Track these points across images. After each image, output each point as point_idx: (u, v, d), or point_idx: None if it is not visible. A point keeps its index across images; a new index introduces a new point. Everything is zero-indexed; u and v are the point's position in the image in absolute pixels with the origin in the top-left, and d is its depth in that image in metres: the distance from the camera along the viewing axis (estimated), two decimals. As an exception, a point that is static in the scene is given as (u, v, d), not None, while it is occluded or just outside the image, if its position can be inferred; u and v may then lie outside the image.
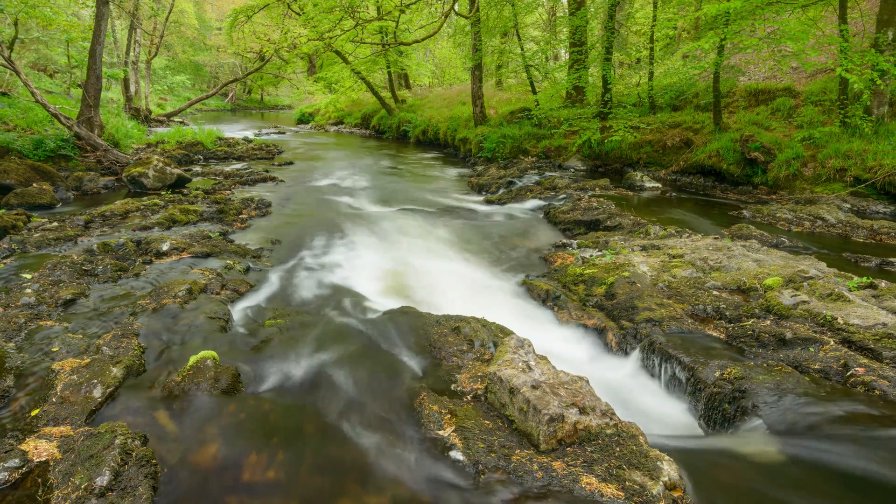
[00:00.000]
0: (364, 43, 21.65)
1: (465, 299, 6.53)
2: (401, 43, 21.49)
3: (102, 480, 2.70)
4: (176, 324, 4.94)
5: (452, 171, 17.72)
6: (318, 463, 3.12)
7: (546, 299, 6.42)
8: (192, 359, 3.99)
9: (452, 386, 3.95)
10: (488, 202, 12.84)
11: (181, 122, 28.61)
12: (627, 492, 2.77)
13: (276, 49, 30.27)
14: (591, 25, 19.54)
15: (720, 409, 3.99)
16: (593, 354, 5.34)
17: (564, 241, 8.91)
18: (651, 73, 18.09)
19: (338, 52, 27.44)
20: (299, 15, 22.43)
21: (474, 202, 12.91)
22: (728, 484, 3.18)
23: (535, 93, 20.39)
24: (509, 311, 6.28)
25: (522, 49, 21.23)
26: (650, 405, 4.50)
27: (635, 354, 5.04)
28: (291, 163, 18.47)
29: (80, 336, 4.66)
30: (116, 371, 3.82)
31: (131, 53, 29.29)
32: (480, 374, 4.03)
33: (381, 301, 6.23)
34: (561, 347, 5.38)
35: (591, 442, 3.13)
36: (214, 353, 4.09)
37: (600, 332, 5.50)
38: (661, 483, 2.79)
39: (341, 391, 3.92)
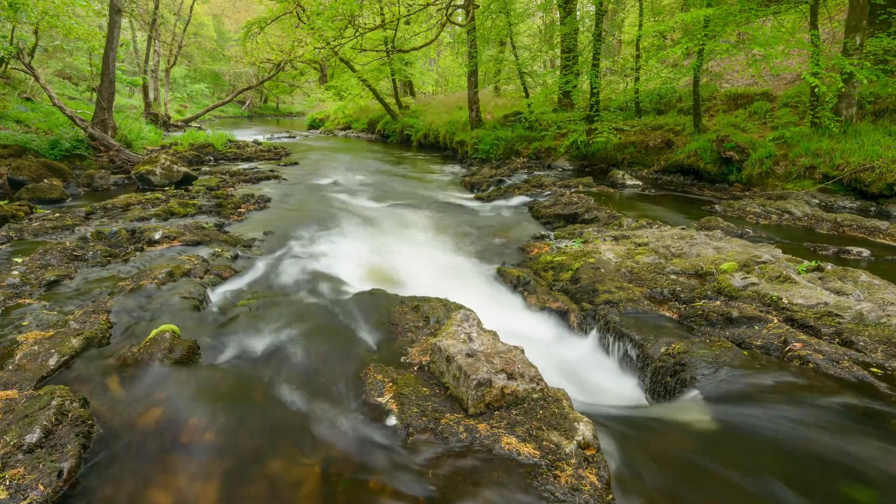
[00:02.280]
0: (366, 50, 21.63)
1: (442, 285, 6.45)
2: (399, 50, 21.49)
3: (32, 437, 2.65)
4: (150, 302, 4.89)
5: (449, 172, 17.65)
6: (259, 427, 3.06)
7: (517, 285, 6.36)
8: (154, 332, 3.94)
9: (402, 358, 3.89)
10: (478, 199, 12.78)
11: (199, 128, 28.53)
12: (543, 450, 2.71)
13: (287, 57, 30.33)
14: (581, 34, 19.50)
15: (663, 382, 3.95)
16: (556, 335, 5.31)
17: (543, 232, 8.83)
18: (637, 80, 18.00)
19: (345, 62, 27.47)
20: (307, 24, 22.40)
21: (465, 199, 12.85)
22: (655, 447, 3.14)
23: (528, 97, 20.31)
24: (482, 296, 6.26)
25: (517, 57, 21.19)
26: (604, 380, 4.48)
27: (593, 334, 5.02)
28: (296, 163, 18.39)
29: (56, 313, 4.62)
30: (75, 342, 3.77)
31: (150, 62, 29.32)
32: (429, 346, 3.96)
33: (358, 285, 6.17)
34: (527, 329, 5.36)
35: (517, 406, 3.08)
36: (175, 327, 4.04)
37: (563, 314, 5.45)
38: (574, 442, 2.73)
39: (295, 363, 3.86)
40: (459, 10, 21.27)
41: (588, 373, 4.60)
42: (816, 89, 10.57)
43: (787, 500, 2.66)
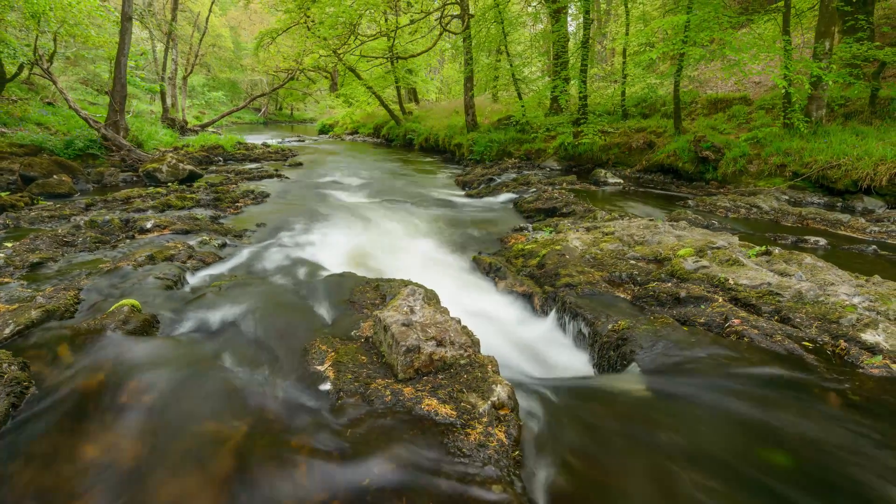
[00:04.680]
0: (368, 57, 21.61)
1: (420, 271, 6.40)
2: (399, 57, 21.43)
3: (-37, 397, 2.61)
4: (124, 282, 4.83)
5: (445, 172, 17.58)
6: (198, 392, 3.00)
7: (489, 271, 6.31)
8: (114, 306, 3.88)
9: (353, 332, 3.82)
10: (469, 196, 12.72)
11: (215, 132, 28.55)
12: (460, 410, 2.66)
13: (298, 66, 30.32)
14: (571, 43, 19.45)
15: (607, 356, 3.92)
16: (521, 316, 5.26)
17: (523, 225, 8.78)
18: (624, 83, 17.93)
19: (351, 69, 27.42)
20: (311, 33, 22.39)
21: (456, 196, 12.78)
22: (584, 413, 3.09)
23: (521, 100, 20.26)
24: (457, 282, 6.24)
25: (511, 64, 21.12)
26: (559, 357, 4.43)
27: (552, 314, 4.96)
28: (301, 164, 18.33)
29: (30, 290, 4.56)
30: (34, 314, 3.72)
31: (168, 70, 29.34)
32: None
33: (336, 271, 6.10)
34: (495, 311, 5.34)
35: (445, 371, 3.02)
36: (135, 302, 3.98)
37: (528, 297, 5.41)
38: (489, 402, 2.67)
39: (248, 336, 3.80)
40: (456, 20, 21.18)
41: (545, 350, 4.55)
42: (783, 90, 10.52)
43: (706, 464, 2.60)
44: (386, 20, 23.77)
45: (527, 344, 4.64)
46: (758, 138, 11.87)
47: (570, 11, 20.01)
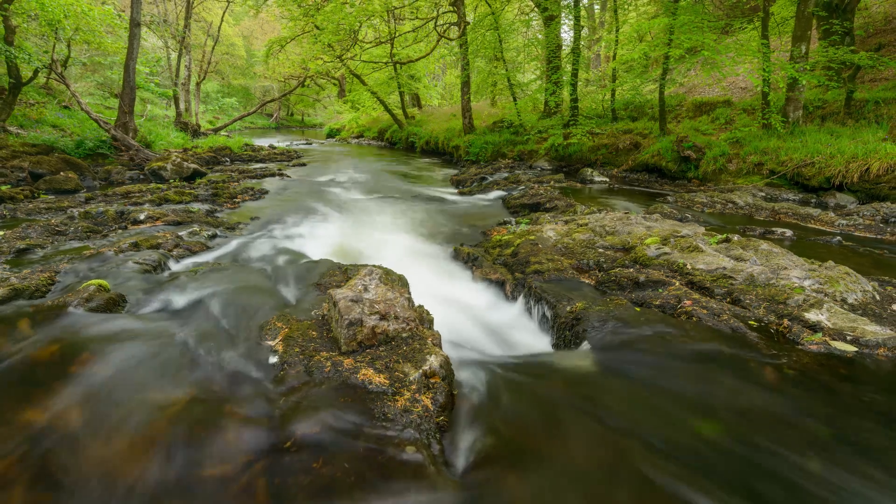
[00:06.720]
0: (371, 62, 21.58)
1: (403, 262, 6.32)
2: (399, 62, 21.39)
3: None
4: (102, 266, 4.78)
5: (442, 172, 17.54)
6: (150, 363, 2.95)
7: (468, 261, 6.26)
8: (83, 286, 3.84)
9: (314, 311, 3.77)
10: (461, 194, 12.68)
11: (227, 136, 28.55)
12: (392, 379, 2.62)
13: (305, 73, 30.35)
14: (563, 49, 19.42)
15: (563, 336, 3.88)
16: (493, 302, 5.21)
17: (507, 219, 8.74)
18: (613, 91, 17.88)
19: (356, 75, 27.38)
20: (313, 39, 22.37)
21: (449, 194, 12.73)
22: (529, 386, 3.05)
23: (516, 102, 20.24)
24: (437, 271, 6.20)
25: (507, 69, 21.06)
26: (523, 338, 4.39)
27: (521, 299, 4.91)
28: (304, 164, 18.30)
29: (10, 274, 4.52)
30: (1, 291, 3.68)
31: (181, 76, 29.38)
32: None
33: (315, 259, 6.06)
34: (470, 298, 5.29)
35: (387, 344, 2.97)
36: (104, 282, 3.93)
37: (501, 283, 5.35)
38: (420, 371, 2.63)
39: (211, 315, 3.74)
40: (454, 27, 21.14)
41: (511, 333, 4.51)
42: (757, 88, 10.50)
43: (639, 433, 2.55)
44: (388, 26, 23.75)
45: (495, 327, 4.60)
46: (737, 138, 11.82)
47: (562, 20, 19.92)
